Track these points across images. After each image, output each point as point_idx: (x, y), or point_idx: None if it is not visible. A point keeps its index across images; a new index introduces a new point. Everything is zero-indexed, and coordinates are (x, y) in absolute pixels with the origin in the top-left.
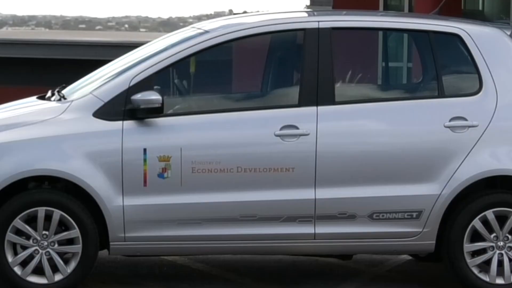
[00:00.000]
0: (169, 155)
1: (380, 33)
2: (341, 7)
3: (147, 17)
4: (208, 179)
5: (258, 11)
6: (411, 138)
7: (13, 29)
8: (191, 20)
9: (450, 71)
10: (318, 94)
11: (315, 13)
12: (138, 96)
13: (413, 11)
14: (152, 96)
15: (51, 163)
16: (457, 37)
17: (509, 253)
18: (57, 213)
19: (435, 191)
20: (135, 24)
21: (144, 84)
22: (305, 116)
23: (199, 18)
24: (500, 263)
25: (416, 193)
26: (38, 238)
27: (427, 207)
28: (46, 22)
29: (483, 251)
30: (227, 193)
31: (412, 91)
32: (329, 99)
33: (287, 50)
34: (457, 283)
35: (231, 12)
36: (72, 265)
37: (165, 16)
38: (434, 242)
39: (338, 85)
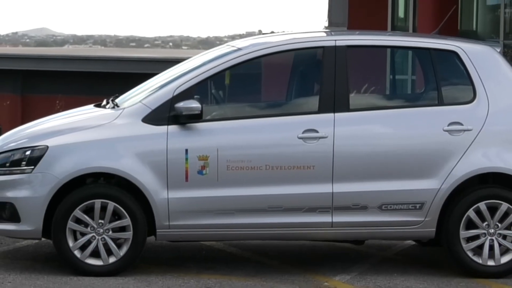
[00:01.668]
0: (207, 154)
1: (388, 50)
2: (355, 28)
3: (188, 36)
4: (240, 175)
5: (283, 31)
6: (415, 140)
7: (74, 47)
8: (226, 39)
9: (448, 83)
10: (335, 103)
11: (332, 33)
12: (181, 104)
13: (416, 31)
14: (193, 104)
15: (106, 162)
16: (454, 54)
17: (499, 239)
18: (111, 205)
19: (435, 185)
20: (178, 42)
21: (186, 94)
22: (324, 121)
23: (233, 37)
24: (491, 248)
25: (419, 187)
26: (95, 226)
27: (428, 200)
28: (102, 41)
29: (476, 237)
30: (257, 188)
31: (416, 100)
32: (345, 107)
33: (308, 64)
34: (454, 265)
35: (260, 32)
36: (124, 249)
37: (204, 35)
38: (434, 229)
39: (352, 95)
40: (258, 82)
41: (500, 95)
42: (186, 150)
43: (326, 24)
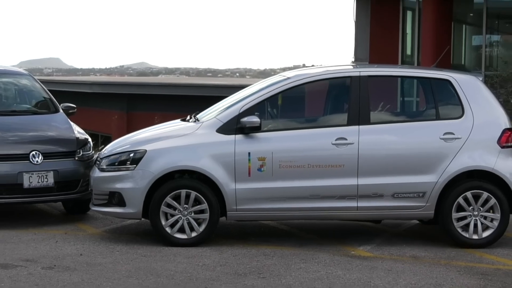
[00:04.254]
0: (265, 156)
1: (399, 79)
2: (374, 62)
3: (250, 68)
4: (289, 172)
5: (321, 64)
6: (419, 145)
7: (165, 76)
8: (278, 70)
9: (443, 103)
10: (360, 118)
11: (357, 66)
12: (245, 119)
13: (420, 65)
14: (254, 119)
15: (190, 162)
16: (447, 82)
17: (481, 219)
18: (193, 194)
19: (434, 179)
20: (243, 73)
21: (249, 111)
22: (351, 132)
23: (284, 69)
24: (475, 225)
25: (422, 181)
26: (181, 209)
27: (428, 190)
28: (186, 72)
29: (464, 218)
30: (301, 181)
31: (419, 116)
32: (367, 121)
33: (339, 90)
34: (448, 238)
35: (304, 65)
36: (203, 226)
37: (262, 68)
38: (433, 212)
39: (372, 112)
40: (302, 102)
41: (481, 112)
42: (249, 153)
43: (353, 59)
